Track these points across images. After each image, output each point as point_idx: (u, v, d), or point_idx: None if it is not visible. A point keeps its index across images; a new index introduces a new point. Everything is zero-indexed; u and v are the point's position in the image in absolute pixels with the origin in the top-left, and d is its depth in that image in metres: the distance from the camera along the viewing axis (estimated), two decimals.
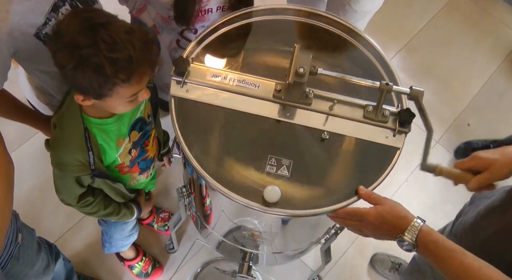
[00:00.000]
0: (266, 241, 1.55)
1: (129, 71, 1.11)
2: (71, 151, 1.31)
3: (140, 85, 1.20)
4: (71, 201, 1.45)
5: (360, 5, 1.88)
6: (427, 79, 3.04)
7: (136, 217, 1.71)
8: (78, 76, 1.11)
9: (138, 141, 1.50)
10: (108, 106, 1.26)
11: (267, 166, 1.23)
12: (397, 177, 2.68)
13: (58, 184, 1.42)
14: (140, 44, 1.12)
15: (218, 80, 1.32)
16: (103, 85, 1.12)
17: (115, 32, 1.09)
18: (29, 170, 2.47)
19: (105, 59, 1.07)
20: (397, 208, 1.16)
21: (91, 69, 1.08)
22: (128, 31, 1.11)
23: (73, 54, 1.07)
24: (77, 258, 2.31)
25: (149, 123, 1.54)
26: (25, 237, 1.50)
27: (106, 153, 1.40)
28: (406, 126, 1.29)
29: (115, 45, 1.08)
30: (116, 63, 1.08)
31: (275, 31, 1.46)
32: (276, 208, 1.19)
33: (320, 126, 1.29)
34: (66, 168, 1.34)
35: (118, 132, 1.39)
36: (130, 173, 1.58)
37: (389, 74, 1.39)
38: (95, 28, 1.08)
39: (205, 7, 1.57)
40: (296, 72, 1.18)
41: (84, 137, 1.31)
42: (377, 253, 2.46)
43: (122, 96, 1.20)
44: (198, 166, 1.21)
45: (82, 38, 1.07)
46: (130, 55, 1.09)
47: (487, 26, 2.61)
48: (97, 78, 1.10)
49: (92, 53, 1.07)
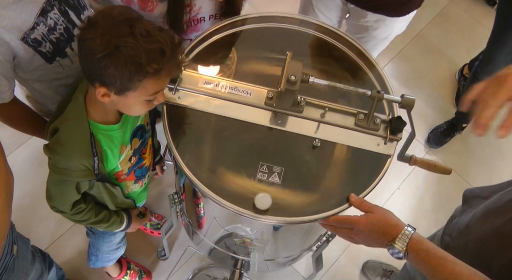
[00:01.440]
0: (257, 248, 1.55)
1: (161, 63, 1.13)
2: (76, 156, 1.30)
3: (165, 82, 1.22)
4: (64, 208, 1.44)
5: (379, 32, 1.90)
6: (420, 86, 3.05)
7: (124, 228, 1.69)
8: (109, 65, 1.11)
9: (138, 148, 1.50)
10: (127, 103, 1.25)
11: (259, 173, 1.24)
12: (389, 185, 2.68)
13: (53, 190, 1.41)
14: (170, 42, 1.15)
15: (210, 87, 1.32)
16: (134, 75, 1.13)
17: (150, 27, 1.12)
18: (20, 177, 2.46)
19: (141, 48, 1.09)
20: (388, 216, 1.16)
21: (126, 57, 1.10)
22: (160, 29, 1.15)
23: (109, 42, 1.09)
24: (68, 265, 2.30)
25: (148, 131, 1.54)
26: (20, 248, 1.49)
27: (108, 159, 1.39)
28: (397, 134, 1.30)
29: (150, 37, 1.11)
30: (150, 54, 1.11)
31: (267, 38, 1.47)
32: (267, 215, 1.19)
33: (312, 134, 1.29)
34: (70, 173, 1.33)
35: (122, 138, 1.39)
36: (126, 181, 1.57)
37: (380, 82, 1.39)
38: (132, 20, 1.11)
39: (197, 17, 1.57)
40: (288, 80, 1.19)
41: (90, 142, 1.30)
42: (368, 260, 2.46)
43: (147, 91, 1.19)
44: (189, 173, 1.21)
45: (119, 29, 1.10)
46: (163, 48, 1.12)
47: (479, 36, 2.63)
48: (129, 68, 1.11)
49: (129, 42, 1.09)
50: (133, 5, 1.47)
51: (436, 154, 2.83)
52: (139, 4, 1.48)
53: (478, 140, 2.90)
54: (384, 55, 3.16)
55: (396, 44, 3.20)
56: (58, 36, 1.34)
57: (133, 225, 1.72)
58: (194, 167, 1.23)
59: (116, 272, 2.25)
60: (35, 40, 1.27)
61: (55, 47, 1.34)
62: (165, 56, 1.13)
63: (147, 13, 1.50)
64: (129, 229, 1.72)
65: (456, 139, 2.87)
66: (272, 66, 1.40)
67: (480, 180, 2.75)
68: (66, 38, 1.37)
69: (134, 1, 1.47)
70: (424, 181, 2.71)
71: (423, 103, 2.98)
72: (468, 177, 2.74)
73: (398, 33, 1.95)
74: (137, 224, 1.75)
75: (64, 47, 1.38)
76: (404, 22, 1.88)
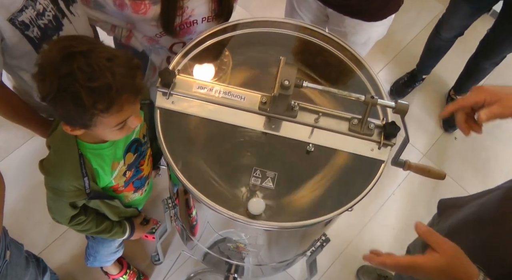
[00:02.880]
0: (251, 253, 1.54)
1: (108, 100, 1.08)
2: (66, 178, 1.30)
3: (124, 113, 1.16)
4: (63, 221, 1.45)
5: (357, 38, 1.91)
6: (414, 92, 3.06)
7: (127, 237, 1.68)
8: (58, 107, 1.09)
9: (133, 162, 1.49)
10: (98, 135, 1.25)
11: (252, 178, 1.23)
12: (385, 190, 2.68)
13: (51, 205, 1.41)
14: (123, 70, 1.09)
15: (204, 92, 1.32)
16: (83, 116, 1.09)
17: (95, 60, 1.05)
18: (14, 182, 2.45)
19: (82, 88, 1.03)
20: (459, 259, 1.01)
21: (70, 100, 1.05)
22: (110, 58, 1.07)
23: (53, 84, 1.05)
24: (62, 269, 2.29)
25: (145, 143, 1.52)
26: (13, 254, 1.49)
27: (100, 177, 1.39)
28: (391, 139, 1.30)
29: (93, 73, 1.04)
30: (94, 93, 1.05)
31: (261, 43, 1.47)
32: (260, 220, 1.18)
33: (306, 139, 1.29)
34: (62, 194, 1.33)
35: (113, 156, 1.38)
36: (124, 192, 1.57)
37: (374, 87, 1.39)
38: (74, 56, 1.04)
39: (190, 19, 1.57)
40: (281, 85, 1.19)
41: (79, 163, 1.29)
42: (363, 265, 2.45)
43: (107, 125, 1.16)
44: (182, 177, 1.21)
45: (60, 67, 1.04)
46: (109, 83, 1.05)
47: (474, 41, 2.65)
48: (76, 109, 1.07)
49: (69, 83, 1.04)
50: (126, 8, 1.47)
51: (431, 159, 2.83)
52: (132, 7, 1.48)
53: (472, 145, 2.91)
54: (380, 60, 3.18)
55: (391, 49, 3.22)
56: (46, 22, 1.33)
57: (136, 233, 1.71)
58: (187, 172, 1.22)
59: (115, 270, 2.25)
60: (23, 23, 1.27)
61: (42, 33, 1.34)
62: (112, 91, 1.06)
63: (140, 16, 1.50)
64: (133, 237, 1.72)
65: (452, 143, 2.88)
66: (265, 71, 1.40)
67: (475, 184, 2.76)
68: (54, 26, 1.37)
69: (127, 4, 1.47)
70: (419, 186, 2.72)
71: (418, 108, 2.98)
72: (462, 182, 2.75)
73: (378, 38, 1.96)
74: (141, 232, 1.75)
75: (51, 35, 1.38)
76: (382, 26, 1.89)
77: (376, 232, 2.57)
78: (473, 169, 2.84)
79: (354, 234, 2.56)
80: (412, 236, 1.18)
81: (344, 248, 2.51)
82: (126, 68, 1.10)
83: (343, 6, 1.82)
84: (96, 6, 1.52)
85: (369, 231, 2.57)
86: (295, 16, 2.04)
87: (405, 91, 3.05)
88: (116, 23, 1.63)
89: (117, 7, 1.47)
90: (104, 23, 1.62)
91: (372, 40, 1.97)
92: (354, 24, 1.86)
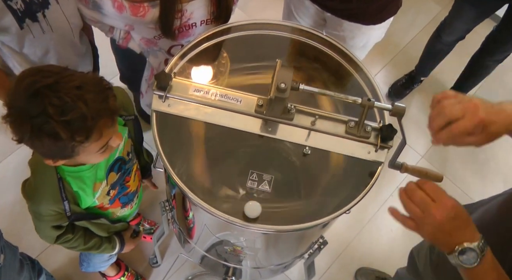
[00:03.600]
0: (248, 256, 1.54)
1: (85, 130, 1.06)
2: (45, 202, 1.29)
3: (105, 138, 1.15)
4: (49, 241, 1.44)
5: (355, 41, 1.91)
6: (413, 93, 3.06)
7: (117, 252, 1.67)
8: (37, 146, 1.07)
9: (116, 181, 1.47)
10: (82, 161, 1.24)
11: (249, 181, 1.23)
12: (382, 192, 2.68)
13: (36, 225, 1.40)
14: (94, 96, 1.06)
15: (200, 95, 1.31)
16: (63, 150, 1.08)
17: (64, 92, 1.02)
18: (11, 184, 2.44)
19: (58, 124, 1.01)
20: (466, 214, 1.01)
21: (47, 137, 1.03)
22: (79, 86, 1.05)
23: (26, 125, 1.02)
24: (59, 272, 2.28)
25: (129, 160, 1.50)
26: (7, 257, 1.48)
27: (81, 199, 1.37)
28: (388, 142, 1.30)
29: (65, 106, 1.01)
30: (70, 125, 1.03)
31: (257, 45, 1.47)
32: (256, 223, 1.18)
33: (302, 142, 1.29)
34: (42, 218, 1.33)
35: (94, 177, 1.35)
36: (112, 209, 1.55)
37: (372, 89, 1.39)
38: (41, 92, 1.01)
39: (189, 22, 1.56)
40: (278, 88, 1.18)
41: (58, 187, 1.27)
42: (361, 267, 2.45)
43: (89, 152, 1.15)
44: (179, 181, 1.21)
45: (30, 107, 1.01)
46: (83, 113, 1.03)
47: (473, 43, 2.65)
48: (55, 144, 1.05)
49: (43, 121, 1.01)
50: (125, 11, 1.47)
51: (430, 161, 2.83)
52: (131, 10, 1.47)
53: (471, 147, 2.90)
54: (378, 62, 3.17)
55: (389, 51, 3.22)
56: None
57: (127, 246, 1.70)
58: (184, 176, 1.22)
59: (113, 272, 2.24)
60: None
61: (26, 6, 1.33)
62: (87, 120, 1.04)
63: (139, 19, 1.50)
64: (123, 251, 1.71)
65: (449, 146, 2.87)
66: (262, 73, 1.40)
67: (474, 187, 2.76)
68: (40, 2, 1.36)
69: (126, 7, 1.46)
70: None
71: (416, 110, 2.98)
72: (461, 184, 2.74)
73: (376, 41, 1.97)
74: (131, 245, 1.73)
75: (35, 11, 1.37)
76: (381, 29, 1.89)
77: (374, 234, 2.57)
78: (472, 171, 2.84)
79: (353, 236, 2.56)
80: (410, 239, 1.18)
81: (343, 250, 2.51)
82: (97, 93, 1.07)
83: (340, 10, 1.82)
84: (95, 7, 1.51)
85: (367, 233, 2.57)
86: (292, 19, 2.04)
87: (403, 93, 3.05)
88: (114, 25, 1.62)
89: (116, 9, 1.47)
90: (102, 24, 1.62)
91: (370, 43, 1.97)
92: (352, 28, 1.85)
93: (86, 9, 1.54)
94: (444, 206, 0.98)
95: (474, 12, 2.38)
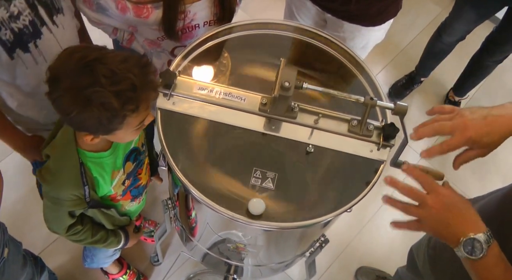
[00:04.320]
0: (250, 254, 1.55)
1: (135, 100, 1.10)
2: (66, 187, 1.30)
3: (146, 111, 1.20)
4: (60, 231, 1.45)
5: (356, 42, 1.92)
6: (413, 94, 3.08)
7: (122, 246, 1.69)
8: (86, 118, 1.09)
9: (132, 171, 1.50)
10: (117, 138, 1.26)
11: (252, 178, 1.24)
12: (382, 192, 2.67)
13: (49, 215, 1.41)
14: (138, 70, 1.10)
15: (205, 93, 1.32)
16: (113, 120, 1.11)
17: (112, 64, 1.06)
18: (12, 183, 2.45)
19: (111, 93, 1.05)
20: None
21: (99, 108, 1.06)
22: (124, 60, 1.09)
23: (77, 97, 1.05)
24: (61, 270, 2.29)
25: (143, 152, 1.53)
26: (11, 251, 1.49)
27: (100, 186, 1.39)
28: (390, 140, 1.31)
29: (116, 77, 1.06)
30: (122, 95, 1.07)
31: (261, 45, 1.48)
32: (260, 220, 1.19)
33: (305, 140, 1.30)
34: (62, 203, 1.34)
35: (113, 164, 1.39)
36: (122, 201, 1.57)
37: (374, 89, 1.40)
38: (91, 64, 1.05)
39: (192, 23, 1.57)
40: (282, 86, 1.19)
41: (79, 172, 1.29)
42: (362, 266, 2.46)
43: (132, 125, 1.19)
44: (183, 178, 1.22)
45: (81, 79, 1.05)
46: (133, 83, 1.08)
47: (473, 44, 2.67)
48: (106, 115, 1.08)
49: (96, 91, 1.04)
50: (128, 12, 1.48)
51: (430, 161, 2.83)
52: (134, 11, 1.48)
53: None
54: (378, 62, 3.19)
55: (389, 52, 3.23)
56: (21, 26, 1.29)
57: (130, 241, 1.72)
58: (188, 173, 1.23)
59: (115, 270, 2.26)
60: None
61: (16, 37, 1.29)
62: (137, 90, 1.09)
63: (143, 20, 1.50)
64: (127, 245, 1.72)
65: None
66: (266, 72, 1.41)
67: (473, 187, 2.77)
68: (31, 32, 1.32)
69: (129, 8, 1.47)
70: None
71: (416, 110, 2.99)
72: (461, 184, 2.75)
73: (376, 42, 1.98)
74: (135, 239, 1.76)
75: (27, 41, 1.33)
76: (381, 31, 1.91)
77: (374, 234, 2.58)
78: (471, 171, 2.85)
79: (353, 236, 2.57)
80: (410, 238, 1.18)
81: (343, 249, 2.52)
82: (140, 67, 1.12)
83: (341, 11, 1.83)
84: (99, 9, 1.52)
85: (367, 232, 2.58)
86: (293, 20, 2.05)
87: (403, 93, 3.07)
88: (118, 26, 1.63)
89: (119, 10, 1.48)
90: (106, 26, 1.62)
91: (370, 44, 1.98)
92: (353, 29, 1.87)
93: (90, 11, 1.54)
94: (439, 195, 1.00)
95: (474, 14, 2.40)
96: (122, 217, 1.60)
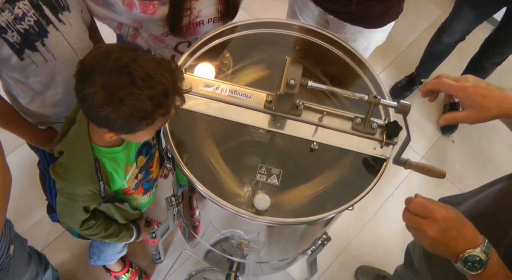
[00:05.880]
0: (253, 250, 1.56)
1: (166, 104, 1.12)
2: (82, 183, 1.31)
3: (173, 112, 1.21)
4: (74, 226, 1.46)
5: (357, 44, 1.94)
6: (413, 95, 3.09)
7: (134, 240, 1.70)
8: (115, 117, 1.09)
9: (144, 165, 1.52)
10: (135, 138, 1.26)
11: (257, 175, 1.25)
12: (383, 191, 2.71)
13: (63, 211, 1.43)
14: (169, 74, 1.12)
15: (210, 90, 1.34)
16: (142, 122, 1.12)
17: (147, 68, 1.08)
18: (16, 179, 2.43)
19: (146, 96, 1.06)
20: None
21: (131, 109, 1.07)
22: (157, 65, 1.11)
23: (112, 96, 1.06)
24: (63, 267, 2.30)
25: (154, 145, 1.55)
26: (17, 248, 1.50)
27: (114, 180, 1.41)
28: (393, 138, 1.32)
29: (151, 81, 1.07)
30: (155, 99, 1.09)
31: (266, 44, 1.49)
32: (265, 216, 1.20)
33: (310, 137, 1.32)
34: (77, 198, 1.35)
35: (126, 159, 1.40)
36: (135, 195, 1.59)
37: (377, 88, 1.42)
38: (128, 66, 1.06)
39: (196, 20, 1.59)
40: (287, 84, 1.21)
41: (94, 168, 1.31)
42: (362, 266, 2.47)
43: (156, 127, 1.20)
44: (189, 173, 1.23)
45: (118, 79, 1.06)
46: (166, 89, 1.10)
47: (472, 46, 2.69)
48: (137, 116, 1.09)
49: (132, 93, 1.06)
50: (135, 8, 1.49)
51: (429, 162, 2.85)
52: (141, 7, 1.49)
53: (470, 148, 2.94)
54: (378, 64, 3.21)
55: (389, 53, 3.25)
56: (27, 27, 1.30)
57: (142, 235, 1.73)
58: (193, 168, 1.24)
59: (118, 268, 2.27)
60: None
61: (23, 38, 1.31)
62: (169, 96, 1.11)
63: (148, 16, 1.52)
64: (139, 239, 1.74)
65: (449, 146, 2.91)
66: (271, 70, 1.43)
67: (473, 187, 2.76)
68: (37, 32, 1.34)
69: (136, 4, 1.49)
70: (417, 188, 2.74)
71: (416, 111, 3.01)
72: (460, 184, 2.77)
73: (377, 44, 1.99)
74: (146, 233, 1.76)
75: (33, 40, 1.34)
76: (382, 33, 1.93)
77: (375, 233, 2.60)
78: (471, 171, 2.87)
79: (353, 235, 2.58)
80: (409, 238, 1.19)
81: (343, 248, 2.54)
82: (170, 72, 1.13)
83: (343, 13, 1.85)
84: (105, 4, 1.53)
85: (368, 231, 2.60)
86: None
87: (403, 94, 3.09)
88: (123, 21, 1.64)
89: (126, 6, 1.49)
90: (111, 21, 1.64)
91: (372, 46, 1.99)
92: (354, 31, 1.88)
93: (96, 6, 1.55)
94: (435, 221, 0.99)
95: (473, 14, 2.42)
96: (134, 211, 1.61)
